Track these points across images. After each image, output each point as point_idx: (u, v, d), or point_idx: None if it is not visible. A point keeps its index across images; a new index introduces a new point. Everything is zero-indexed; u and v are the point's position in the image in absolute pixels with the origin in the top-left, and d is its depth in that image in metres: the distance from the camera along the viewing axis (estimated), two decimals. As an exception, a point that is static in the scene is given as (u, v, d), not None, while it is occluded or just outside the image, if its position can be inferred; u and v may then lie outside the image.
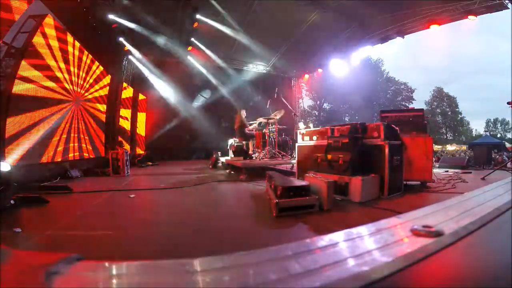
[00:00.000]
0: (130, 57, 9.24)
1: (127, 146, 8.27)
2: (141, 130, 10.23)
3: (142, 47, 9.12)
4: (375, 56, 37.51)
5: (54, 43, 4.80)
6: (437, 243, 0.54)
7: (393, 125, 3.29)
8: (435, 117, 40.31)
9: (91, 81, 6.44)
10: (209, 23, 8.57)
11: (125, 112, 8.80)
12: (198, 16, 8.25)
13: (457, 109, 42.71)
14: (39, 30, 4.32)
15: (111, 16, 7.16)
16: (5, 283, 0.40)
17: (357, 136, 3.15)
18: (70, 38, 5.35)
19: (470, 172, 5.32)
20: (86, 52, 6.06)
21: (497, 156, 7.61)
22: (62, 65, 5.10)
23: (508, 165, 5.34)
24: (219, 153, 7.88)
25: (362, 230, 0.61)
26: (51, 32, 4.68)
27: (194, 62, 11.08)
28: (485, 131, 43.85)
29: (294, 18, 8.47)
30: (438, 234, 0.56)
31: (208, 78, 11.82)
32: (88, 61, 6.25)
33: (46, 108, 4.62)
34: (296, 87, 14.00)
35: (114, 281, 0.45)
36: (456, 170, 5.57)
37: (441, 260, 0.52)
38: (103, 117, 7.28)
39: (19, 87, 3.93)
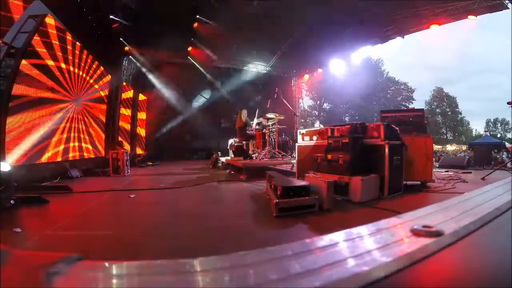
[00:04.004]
0: (130, 57, 9.25)
1: (127, 146, 8.27)
2: (141, 130, 10.23)
3: (142, 47, 9.12)
4: (377, 55, 37.53)
5: (54, 43, 4.80)
6: (437, 243, 0.54)
7: (393, 125, 3.29)
8: (435, 117, 40.29)
9: (91, 81, 6.44)
10: (209, 23, 8.57)
11: (125, 112, 8.80)
12: (198, 16, 8.25)
13: (457, 109, 42.71)
14: (39, 30, 4.32)
15: (111, 16, 7.16)
16: (5, 283, 0.40)
17: (357, 136, 3.15)
18: (70, 38, 5.35)
19: (470, 172, 5.33)
20: (86, 52, 6.05)
21: (497, 156, 7.62)
22: (62, 65, 5.10)
23: (508, 165, 5.34)
24: (219, 153, 7.88)
25: (362, 230, 0.61)
26: (51, 32, 4.68)
27: (194, 62, 11.08)
28: (485, 131, 43.82)
29: (294, 18, 8.47)
30: (438, 234, 0.56)
31: (208, 78, 11.83)
32: (88, 61, 6.25)
33: (46, 108, 4.62)
34: (296, 87, 14.01)
35: (114, 281, 0.45)
36: (456, 170, 5.57)
37: (441, 260, 0.52)
38: (103, 117, 7.28)
39: (19, 87, 3.93)
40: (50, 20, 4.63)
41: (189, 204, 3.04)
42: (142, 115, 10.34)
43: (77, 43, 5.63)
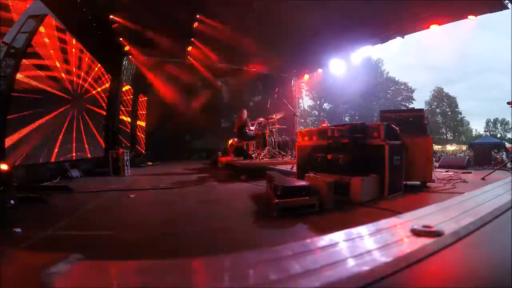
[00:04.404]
0: (130, 57, 9.24)
1: (127, 146, 8.27)
2: (141, 130, 10.23)
3: (142, 47, 9.12)
4: (377, 55, 37.56)
5: (54, 43, 4.80)
6: (437, 243, 0.54)
7: (393, 125, 3.28)
8: (435, 117, 40.27)
9: (91, 81, 6.44)
10: (209, 23, 8.57)
11: (125, 112, 8.80)
12: (198, 16, 8.25)
13: (457, 109, 42.71)
14: (39, 30, 4.32)
15: (111, 16, 7.16)
16: (5, 283, 0.40)
17: (357, 136, 3.15)
18: (70, 38, 5.35)
19: (470, 172, 5.32)
20: (86, 52, 6.06)
21: (497, 156, 7.62)
22: (62, 65, 5.10)
23: (508, 165, 5.34)
24: (219, 153, 7.88)
25: (362, 230, 0.61)
26: (51, 32, 4.68)
27: (194, 62, 11.08)
28: (485, 131, 43.80)
29: (294, 18, 8.46)
30: (438, 234, 0.56)
31: (208, 78, 11.83)
32: (88, 61, 6.25)
33: (46, 108, 4.62)
34: (296, 87, 13.99)
35: (114, 281, 0.45)
36: (456, 170, 5.57)
37: (441, 260, 0.52)
38: (103, 117, 7.29)
39: (19, 87, 3.93)
40: (50, 20, 4.63)
41: (189, 204, 3.04)
42: (142, 115, 10.34)
43: (77, 43, 5.63)
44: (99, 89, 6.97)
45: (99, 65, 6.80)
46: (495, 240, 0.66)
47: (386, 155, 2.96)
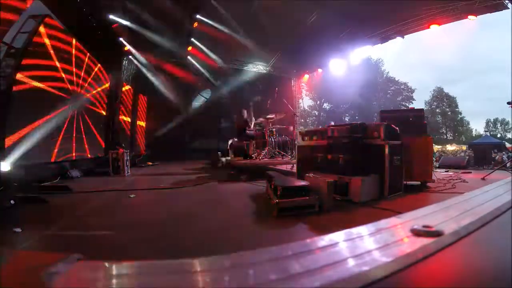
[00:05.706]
0: (130, 57, 9.24)
1: (127, 146, 8.26)
2: (141, 130, 10.23)
3: (142, 47, 9.12)
4: (377, 55, 37.52)
5: (54, 43, 4.80)
6: (437, 243, 0.54)
7: (393, 125, 3.28)
8: (435, 117, 40.23)
9: (91, 81, 6.44)
10: (209, 23, 8.57)
11: (125, 112, 8.80)
12: (198, 16, 8.25)
13: (457, 109, 42.65)
14: (39, 30, 4.32)
15: (111, 16, 7.16)
16: (5, 283, 0.40)
17: (357, 136, 3.14)
18: (70, 38, 5.35)
19: (470, 172, 5.32)
20: (86, 52, 6.06)
21: (497, 156, 7.63)
22: (62, 65, 5.10)
23: (508, 165, 5.34)
24: (219, 153, 7.87)
25: (362, 230, 0.61)
26: (51, 32, 4.68)
27: (194, 62, 11.08)
28: (485, 131, 43.71)
29: (294, 18, 8.47)
30: (438, 234, 0.56)
31: (208, 78, 11.82)
32: (88, 61, 6.25)
33: (46, 108, 4.62)
34: (296, 87, 13.98)
35: (114, 281, 0.45)
36: (456, 170, 5.57)
37: (441, 260, 0.52)
38: (103, 117, 7.29)
39: (19, 87, 3.93)
40: (50, 20, 4.63)
41: (189, 204, 3.04)
42: (142, 115, 10.34)
43: (77, 43, 5.63)
44: (99, 89, 6.97)
45: (99, 65, 6.80)
46: (495, 240, 0.66)
47: (386, 155, 2.96)
